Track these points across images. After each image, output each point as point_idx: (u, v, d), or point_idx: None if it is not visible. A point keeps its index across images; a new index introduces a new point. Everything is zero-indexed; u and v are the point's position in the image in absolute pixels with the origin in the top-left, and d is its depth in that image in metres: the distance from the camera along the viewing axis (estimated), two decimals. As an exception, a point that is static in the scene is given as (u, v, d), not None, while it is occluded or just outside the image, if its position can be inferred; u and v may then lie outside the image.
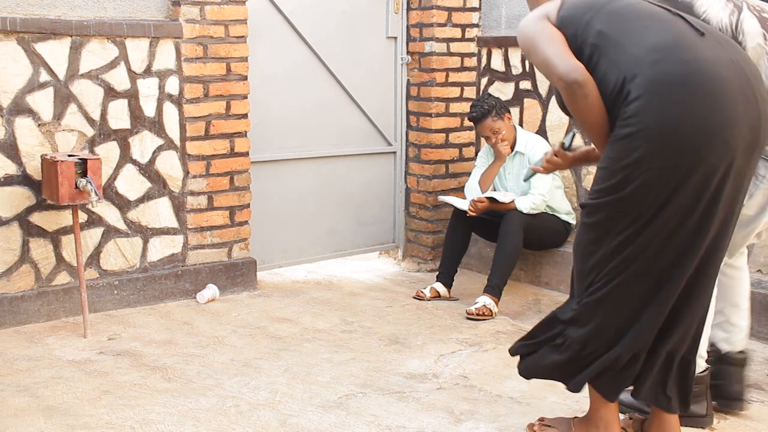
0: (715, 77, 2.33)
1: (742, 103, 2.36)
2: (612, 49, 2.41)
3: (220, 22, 4.43)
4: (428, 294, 4.67)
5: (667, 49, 2.36)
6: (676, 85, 2.32)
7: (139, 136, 4.30)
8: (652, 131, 2.32)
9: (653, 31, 2.41)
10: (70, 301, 4.13)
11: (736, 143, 2.35)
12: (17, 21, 3.86)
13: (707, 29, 2.46)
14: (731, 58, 2.41)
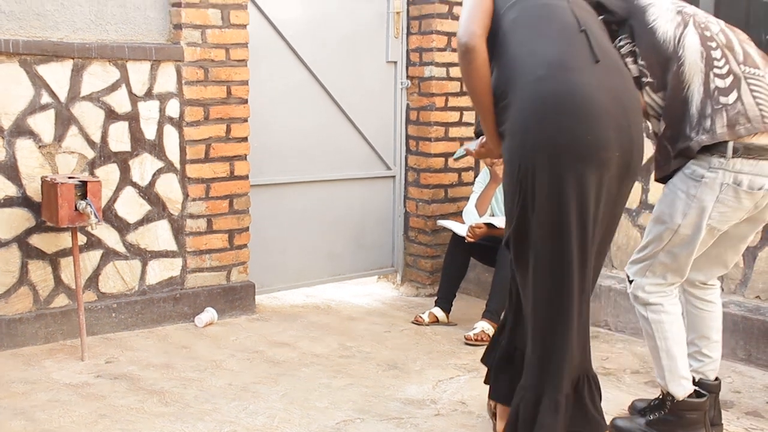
0: (590, 102, 2.49)
1: (614, 129, 2.52)
2: (516, 42, 2.59)
3: (221, 46, 4.46)
4: (427, 319, 4.66)
5: (556, 67, 2.53)
6: (556, 105, 2.49)
7: (139, 158, 4.30)
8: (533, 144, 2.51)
9: (552, 44, 2.58)
10: (68, 323, 4.11)
11: (608, 164, 2.52)
12: (20, 43, 3.87)
13: (604, 54, 2.60)
14: (612, 87, 2.56)
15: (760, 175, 2.81)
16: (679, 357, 2.99)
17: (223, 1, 4.43)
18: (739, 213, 2.89)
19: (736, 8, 4.59)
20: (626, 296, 4.52)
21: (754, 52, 2.91)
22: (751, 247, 4.26)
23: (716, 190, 2.83)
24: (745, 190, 2.82)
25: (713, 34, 2.88)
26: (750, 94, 2.80)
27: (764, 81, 2.85)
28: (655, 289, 3.01)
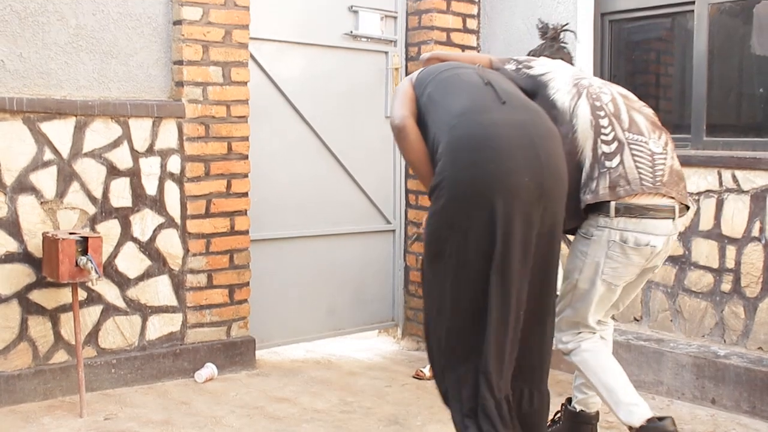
0: (498, 137, 2.76)
1: (522, 157, 2.75)
2: (433, 109, 2.95)
3: (222, 103, 4.51)
4: (428, 373, 4.63)
5: (465, 114, 2.84)
6: (465, 144, 2.78)
7: (140, 214, 4.33)
8: (449, 183, 2.76)
9: (461, 98, 2.91)
10: (67, 379, 4.09)
11: (519, 191, 2.74)
12: (24, 101, 3.92)
13: (510, 97, 2.90)
14: (519, 120, 2.83)
15: (645, 232, 3.04)
16: (616, 386, 3.12)
17: (224, 59, 4.50)
18: (630, 268, 3.11)
19: (728, 64, 4.66)
20: (627, 348, 4.52)
21: (642, 119, 3.17)
22: (751, 298, 4.27)
23: (605, 247, 3.06)
24: (632, 246, 3.04)
25: (603, 103, 3.15)
26: (631, 159, 3.06)
27: (646, 147, 3.09)
28: (569, 338, 3.24)
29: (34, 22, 3.98)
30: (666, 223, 3.07)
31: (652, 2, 4.84)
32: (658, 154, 3.10)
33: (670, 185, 3.08)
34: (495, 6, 5.46)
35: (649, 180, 3.05)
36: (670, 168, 3.11)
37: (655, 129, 3.17)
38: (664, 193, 3.05)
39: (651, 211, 3.04)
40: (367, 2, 5.27)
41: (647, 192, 3.03)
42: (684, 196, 3.14)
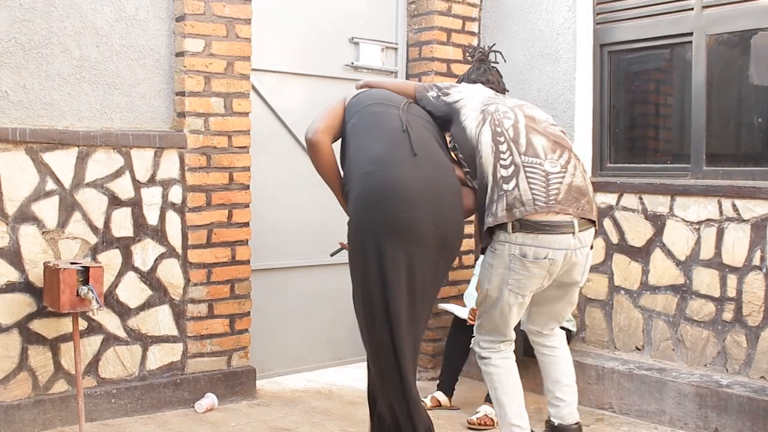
0: (405, 189, 3.12)
1: (427, 210, 3.12)
2: (353, 142, 3.31)
3: (223, 133, 4.54)
4: (429, 403, 4.62)
5: (377, 163, 3.18)
6: (372, 193, 3.15)
7: (142, 244, 4.34)
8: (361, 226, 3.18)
9: (379, 144, 3.25)
10: (67, 409, 4.08)
11: (424, 237, 3.12)
12: (27, 132, 3.95)
13: (422, 151, 3.23)
14: (426, 176, 3.18)
15: (542, 246, 3.22)
16: (507, 405, 3.41)
17: (226, 90, 4.53)
18: (534, 280, 3.29)
19: (726, 94, 4.69)
20: (630, 378, 4.50)
21: (542, 141, 3.33)
22: (753, 327, 4.26)
23: (506, 260, 3.27)
24: (531, 260, 3.24)
25: (504, 129, 3.34)
26: (526, 181, 3.24)
27: (541, 168, 3.27)
28: (486, 345, 3.47)
29: (38, 54, 4.02)
30: (564, 237, 3.23)
31: (651, 33, 4.88)
32: (554, 174, 3.27)
33: (567, 202, 3.24)
34: (495, 37, 5.50)
35: (542, 200, 3.22)
36: (567, 185, 3.27)
37: (555, 149, 3.33)
38: (558, 210, 3.21)
39: (546, 227, 3.21)
40: (368, 34, 5.32)
41: (539, 211, 3.20)
42: (586, 210, 3.29)
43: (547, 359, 3.61)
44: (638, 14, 4.93)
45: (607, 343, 4.92)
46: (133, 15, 4.31)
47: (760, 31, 4.46)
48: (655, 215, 4.68)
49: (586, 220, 3.30)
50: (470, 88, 3.57)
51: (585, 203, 3.29)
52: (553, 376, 3.59)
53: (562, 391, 3.55)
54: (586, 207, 3.29)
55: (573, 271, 3.36)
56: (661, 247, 4.66)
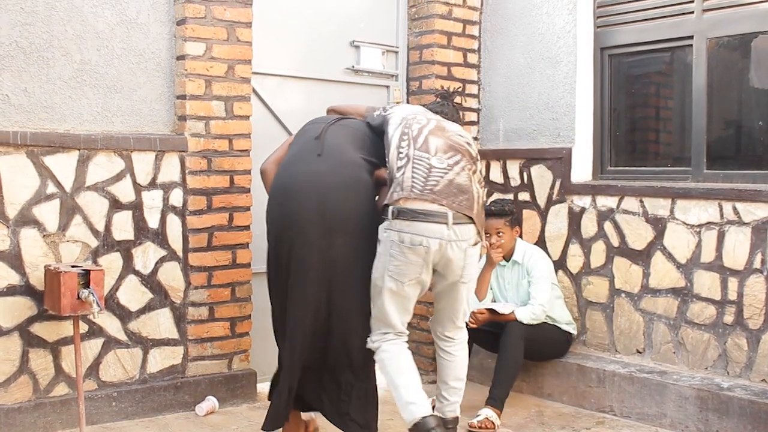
0: (293, 183, 3.62)
1: (306, 200, 3.55)
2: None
3: (224, 136, 4.55)
4: (430, 406, 4.62)
5: (285, 165, 3.76)
6: (276, 190, 3.70)
7: (142, 247, 4.34)
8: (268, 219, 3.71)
9: (294, 149, 3.82)
10: (68, 413, 4.08)
11: (306, 226, 3.54)
12: (27, 135, 3.96)
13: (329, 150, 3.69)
14: (319, 171, 3.60)
15: (417, 233, 3.48)
16: (402, 386, 3.62)
17: (226, 93, 4.54)
18: (411, 267, 3.53)
19: (727, 97, 4.69)
20: (631, 381, 4.50)
21: (440, 143, 3.66)
22: (754, 330, 4.26)
23: (389, 247, 3.53)
24: (408, 246, 3.49)
25: (410, 130, 3.70)
26: (411, 170, 3.58)
27: (427, 162, 3.59)
28: (376, 338, 3.67)
29: (39, 57, 4.03)
30: (438, 227, 3.49)
31: (652, 37, 4.89)
32: (437, 168, 3.58)
33: (443, 194, 3.52)
34: (495, 41, 5.51)
35: (418, 187, 3.53)
36: (448, 181, 3.56)
37: (448, 150, 3.64)
38: (432, 200, 3.49)
39: (421, 215, 3.48)
40: (368, 37, 5.33)
41: (415, 197, 3.51)
42: (463, 206, 3.54)
43: (443, 362, 3.90)
44: (639, 17, 4.94)
45: (607, 346, 4.92)
46: (134, 18, 4.31)
47: (760, 35, 4.47)
48: (656, 218, 4.68)
49: (464, 215, 3.54)
50: (407, 105, 3.98)
51: (464, 200, 3.55)
52: (443, 377, 3.90)
53: (448, 392, 3.88)
54: (464, 203, 3.55)
55: (451, 266, 3.59)
56: (661, 250, 4.66)
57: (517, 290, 4.81)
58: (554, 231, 5.14)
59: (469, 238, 3.58)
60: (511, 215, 4.76)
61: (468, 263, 3.63)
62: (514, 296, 4.81)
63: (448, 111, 4.13)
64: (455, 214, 3.52)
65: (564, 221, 5.12)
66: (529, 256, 4.77)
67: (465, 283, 3.70)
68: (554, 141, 5.19)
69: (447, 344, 3.89)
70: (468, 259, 3.62)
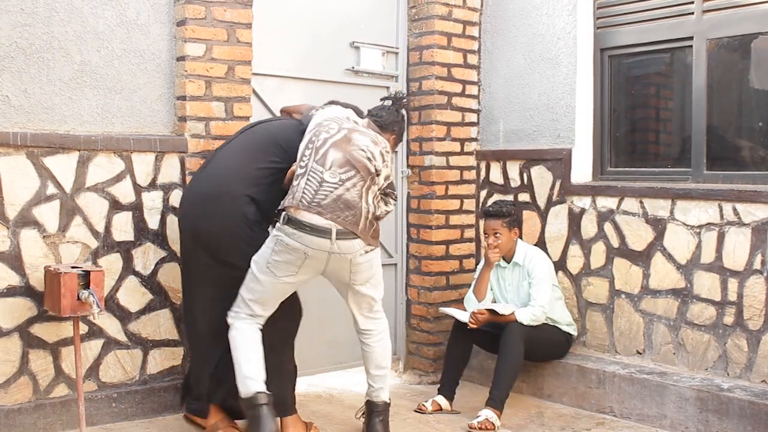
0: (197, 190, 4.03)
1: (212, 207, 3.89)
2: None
3: (224, 137, 4.53)
4: (430, 407, 4.62)
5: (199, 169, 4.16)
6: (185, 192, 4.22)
7: (143, 248, 4.34)
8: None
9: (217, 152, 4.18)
10: (68, 414, 4.08)
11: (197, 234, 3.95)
12: (27, 136, 3.96)
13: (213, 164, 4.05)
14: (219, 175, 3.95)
15: (300, 242, 3.68)
16: (243, 361, 3.80)
17: (226, 94, 4.54)
18: (289, 266, 3.75)
19: (727, 98, 4.69)
20: (631, 382, 4.50)
21: (338, 156, 3.78)
22: (754, 330, 4.26)
23: (274, 243, 3.76)
24: (291, 249, 3.71)
25: (317, 139, 3.85)
26: (305, 181, 3.75)
27: (320, 175, 3.74)
28: (233, 314, 3.89)
29: (39, 58, 4.03)
30: (322, 240, 3.68)
31: (652, 38, 4.89)
32: (328, 183, 3.73)
33: (328, 209, 3.69)
34: (495, 41, 5.51)
35: (307, 200, 3.71)
36: (337, 196, 3.71)
37: (344, 165, 3.77)
38: (318, 212, 3.67)
39: (307, 227, 3.67)
40: (368, 38, 5.33)
41: (303, 209, 3.69)
42: (348, 222, 3.69)
43: (364, 353, 4.10)
44: (639, 18, 4.94)
45: (608, 347, 4.92)
46: (134, 19, 4.31)
47: (760, 35, 4.47)
48: (656, 219, 4.68)
49: (349, 231, 3.69)
50: (331, 108, 4.11)
51: (349, 215, 3.70)
52: (366, 366, 4.11)
53: (372, 379, 4.09)
54: (349, 219, 3.70)
55: (338, 274, 3.84)
56: (661, 251, 4.66)
57: (517, 292, 4.81)
58: (554, 232, 5.14)
59: (353, 251, 3.75)
60: (509, 216, 4.76)
61: (356, 270, 3.82)
62: (515, 297, 4.81)
63: (384, 116, 4.22)
64: (339, 230, 3.68)
65: (564, 222, 5.12)
66: (530, 258, 4.77)
67: (360, 285, 3.89)
68: (554, 142, 5.19)
69: (364, 337, 4.08)
70: (356, 267, 3.80)
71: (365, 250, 3.78)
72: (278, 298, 3.90)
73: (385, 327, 4.13)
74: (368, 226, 3.77)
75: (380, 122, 4.20)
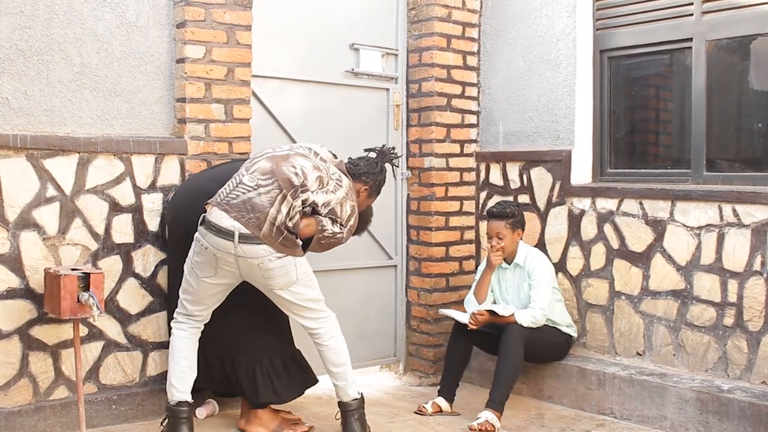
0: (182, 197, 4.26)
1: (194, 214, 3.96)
2: None
3: (224, 139, 4.55)
4: (430, 409, 4.62)
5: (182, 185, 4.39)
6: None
7: (142, 250, 4.34)
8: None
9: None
10: (68, 416, 4.07)
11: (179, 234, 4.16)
12: (27, 138, 3.96)
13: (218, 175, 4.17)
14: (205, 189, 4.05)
15: (210, 243, 3.80)
16: (171, 368, 4.00)
17: (226, 96, 4.54)
18: (206, 267, 3.86)
19: (726, 99, 4.69)
20: (631, 383, 4.50)
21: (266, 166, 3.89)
22: (754, 332, 4.26)
23: (195, 245, 3.90)
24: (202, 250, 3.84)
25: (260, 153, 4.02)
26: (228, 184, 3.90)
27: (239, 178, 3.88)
28: (173, 318, 4.07)
29: (38, 60, 4.03)
30: (225, 242, 3.76)
31: (651, 39, 4.89)
32: (244, 185, 3.84)
33: (235, 208, 3.78)
34: (495, 43, 5.51)
35: (221, 197, 3.85)
36: (247, 198, 3.80)
37: (266, 174, 3.86)
38: (224, 209, 3.79)
39: (214, 229, 3.78)
40: (368, 40, 5.33)
41: (215, 205, 3.84)
42: (251, 224, 3.74)
43: (320, 354, 4.13)
44: (638, 20, 4.94)
45: (607, 349, 4.92)
46: (134, 22, 4.32)
47: (759, 37, 4.47)
48: (656, 220, 4.68)
49: (253, 235, 3.74)
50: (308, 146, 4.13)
51: (252, 218, 3.76)
52: (326, 366, 4.13)
53: (333, 377, 4.11)
54: (251, 221, 3.75)
55: (253, 279, 3.88)
56: (661, 253, 4.66)
57: (518, 293, 4.81)
58: (554, 233, 5.14)
59: (259, 256, 3.77)
60: (513, 218, 4.76)
61: (270, 276, 3.83)
62: (515, 299, 4.81)
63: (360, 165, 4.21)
64: (243, 234, 3.74)
65: (564, 223, 5.12)
66: (531, 260, 4.77)
67: (279, 289, 3.89)
68: (554, 143, 5.19)
69: (314, 337, 4.10)
70: (267, 272, 3.81)
71: (276, 256, 3.79)
72: (211, 299, 3.98)
73: (333, 325, 4.11)
74: (275, 233, 3.77)
75: (353, 170, 4.19)
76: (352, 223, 4.02)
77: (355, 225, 4.06)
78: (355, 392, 4.11)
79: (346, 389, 4.08)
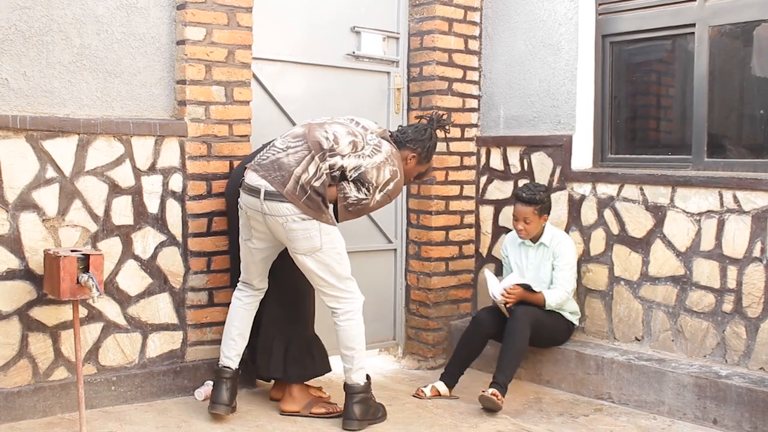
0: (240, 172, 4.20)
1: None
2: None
3: (224, 122, 4.54)
4: (428, 393, 4.63)
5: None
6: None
7: (142, 232, 4.34)
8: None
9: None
10: (67, 396, 4.09)
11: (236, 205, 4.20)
12: (27, 119, 3.95)
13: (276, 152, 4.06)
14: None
15: (243, 203, 4.00)
16: (224, 333, 4.25)
17: (227, 78, 4.53)
18: (245, 229, 4.07)
19: (728, 85, 4.68)
20: (629, 368, 4.51)
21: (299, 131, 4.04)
22: (753, 318, 4.27)
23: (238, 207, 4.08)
24: (240, 207, 4.05)
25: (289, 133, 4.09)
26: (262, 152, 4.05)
27: (273, 141, 4.10)
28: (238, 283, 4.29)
29: (38, 41, 4.02)
30: (254, 200, 3.91)
31: (653, 24, 4.87)
32: (275, 148, 3.99)
33: (264, 167, 3.92)
34: (497, 27, 5.49)
35: (257, 160, 4.00)
36: (276, 159, 3.92)
37: (298, 137, 3.99)
38: (255, 169, 3.94)
39: (247, 189, 3.94)
40: (369, 23, 5.31)
41: (250, 167, 3.98)
42: (276, 181, 3.85)
43: (336, 333, 4.11)
44: (640, 5, 4.92)
45: (606, 334, 4.93)
46: (134, 3, 4.29)
47: (762, 23, 4.45)
48: (656, 206, 4.68)
49: (277, 192, 3.83)
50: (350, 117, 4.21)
51: (277, 176, 3.86)
52: (339, 347, 4.13)
53: (344, 359, 4.13)
54: (276, 179, 3.86)
55: (278, 235, 3.95)
56: (661, 238, 4.66)
57: (537, 271, 4.80)
58: (554, 218, 5.14)
59: (283, 214, 3.85)
60: (542, 204, 4.73)
61: (292, 237, 3.89)
62: (534, 276, 4.80)
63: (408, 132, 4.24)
64: (268, 191, 3.85)
65: (564, 208, 5.12)
66: (558, 242, 4.77)
67: (302, 254, 3.94)
68: (555, 128, 5.18)
69: (333, 316, 4.10)
70: (290, 233, 3.88)
71: (300, 217, 3.84)
72: (255, 266, 4.15)
73: (353, 308, 4.07)
74: (299, 191, 3.84)
75: (400, 137, 4.22)
76: (390, 188, 4.03)
77: (396, 190, 4.08)
78: (360, 378, 4.10)
79: (352, 373, 4.10)
